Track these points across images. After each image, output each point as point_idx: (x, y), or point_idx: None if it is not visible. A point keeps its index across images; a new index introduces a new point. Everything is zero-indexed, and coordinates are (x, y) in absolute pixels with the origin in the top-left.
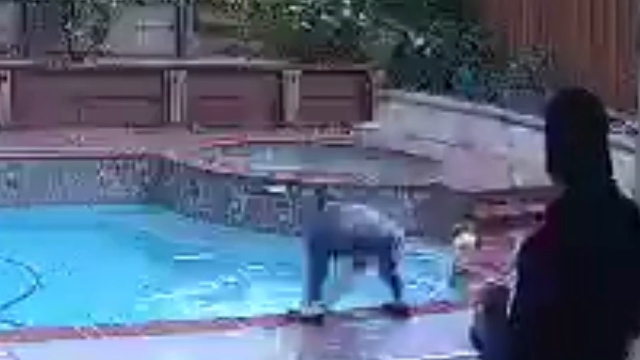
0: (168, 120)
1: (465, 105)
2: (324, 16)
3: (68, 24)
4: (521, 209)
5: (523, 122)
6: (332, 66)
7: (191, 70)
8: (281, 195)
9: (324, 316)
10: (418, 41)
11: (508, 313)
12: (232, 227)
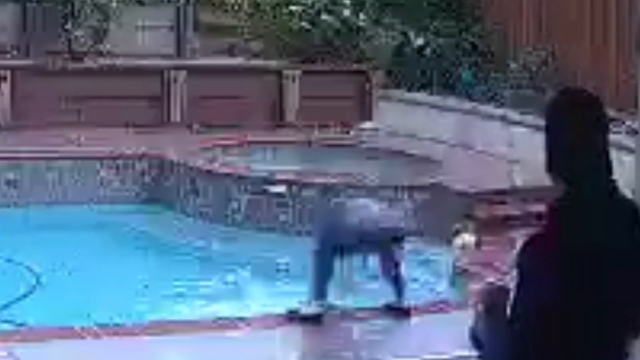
0: (168, 120)
1: (465, 105)
2: (324, 16)
3: (68, 24)
4: (521, 209)
5: (523, 122)
6: (332, 66)
7: (191, 70)
8: (281, 195)
9: (323, 316)
10: (418, 41)
11: (508, 313)
12: (232, 227)
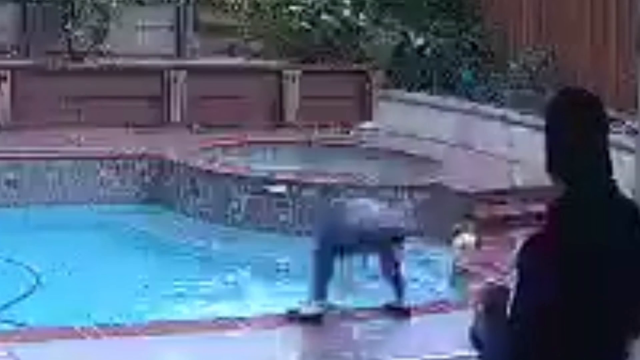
0: (168, 120)
1: (465, 105)
2: (324, 16)
3: (68, 24)
4: (521, 209)
5: (523, 122)
6: (332, 66)
7: (191, 70)
8: (281, 195)
9: (323, 316)
10: (418, 41)
11: (508, 313)
12: (232, 227)
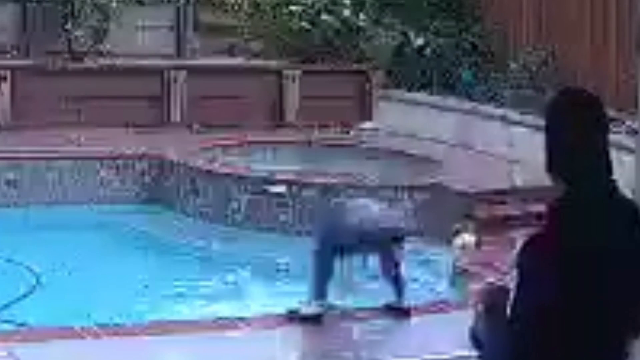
0: (168, 120)
1: (465, 105)
2: (324, 16)
3: (68, 24)
4: (521, 209)
5: (523, 122)
6: (332, 66)
7: (191, 70)
8: (281, 195)
9: (323, 316)
10: (418, 41)
11: (508, 313)
12: (232, 227)
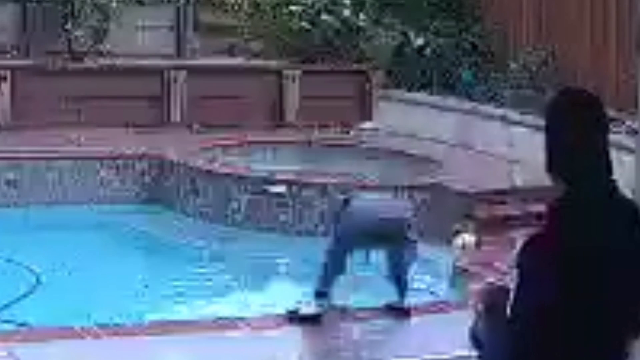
0: (168, 120)
1: (465, 105)
2: (324, 16)
3: (68, 24)
4: (521, 209)
5: (523, 122)
6: (332, 66)
7: (191, 70)
8: (281, 195)
9: (323, 316)
10: (418, 41)
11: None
12: (232, 227)
